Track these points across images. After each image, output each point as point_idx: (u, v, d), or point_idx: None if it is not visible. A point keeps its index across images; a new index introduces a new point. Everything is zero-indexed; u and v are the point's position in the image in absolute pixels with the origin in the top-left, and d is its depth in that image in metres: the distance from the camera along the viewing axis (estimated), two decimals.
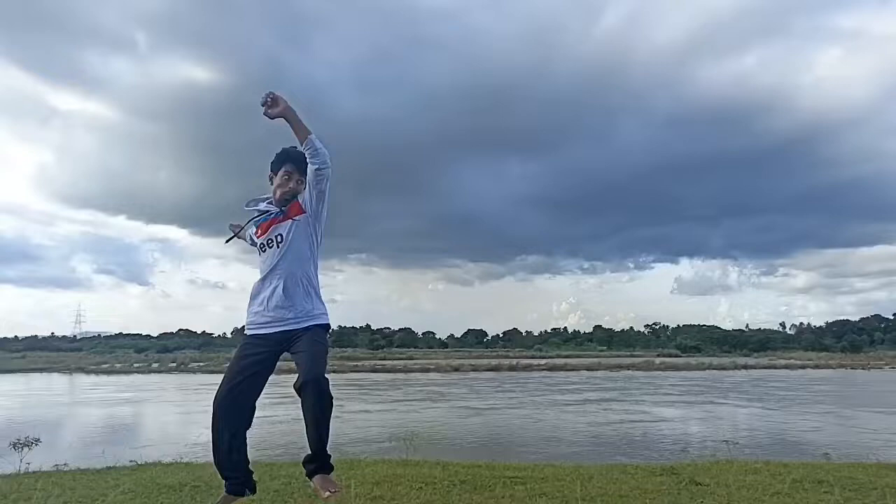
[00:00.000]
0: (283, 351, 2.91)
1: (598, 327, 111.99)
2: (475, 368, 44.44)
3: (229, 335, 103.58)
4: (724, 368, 48.42)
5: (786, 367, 52.00)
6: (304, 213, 2.98)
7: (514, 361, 51.52)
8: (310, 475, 2.76)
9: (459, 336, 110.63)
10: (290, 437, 12.44)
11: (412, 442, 6.50)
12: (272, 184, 3.11)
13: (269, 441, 12.18)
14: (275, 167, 3.12)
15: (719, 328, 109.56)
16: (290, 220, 2.98)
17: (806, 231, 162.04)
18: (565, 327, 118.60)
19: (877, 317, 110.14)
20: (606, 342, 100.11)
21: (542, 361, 54.03)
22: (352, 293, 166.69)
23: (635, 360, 58.38)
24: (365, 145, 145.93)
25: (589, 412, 18.88)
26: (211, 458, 2.89)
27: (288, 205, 3.02)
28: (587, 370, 44.59)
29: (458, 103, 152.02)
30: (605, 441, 13.27)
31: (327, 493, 2.63)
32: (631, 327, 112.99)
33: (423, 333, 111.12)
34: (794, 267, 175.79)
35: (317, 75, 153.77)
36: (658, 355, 69.77)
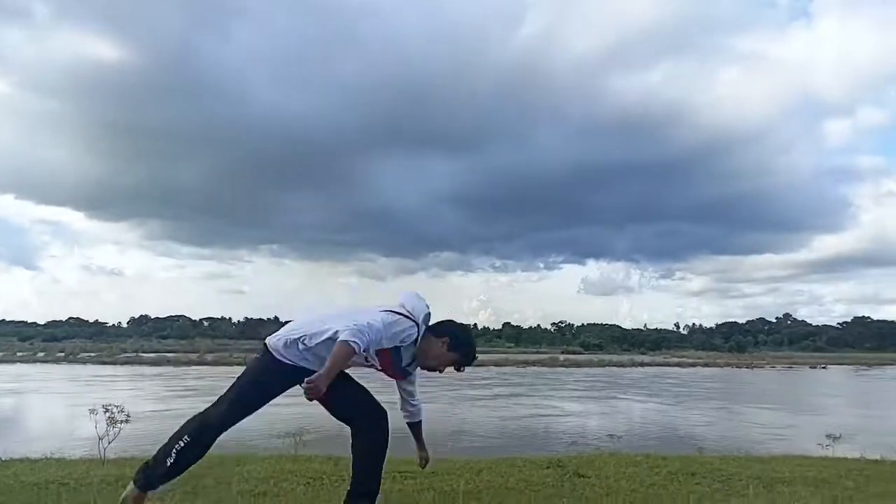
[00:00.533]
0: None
1: (507, 324, 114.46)
2: None
3: (125, 325, 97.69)
4: (622, 365, 50.97)
5: (678, 364, 55.52)
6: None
7: None
8: None
9: None
10: None
11: (300, 438, 6.31)
12: (433, 348, 2.90)
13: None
14: (455, 348, 2.89)
15: (620, 327, 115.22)
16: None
17: (702, 238, 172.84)
18: (475, 324, 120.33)
19: (761, 320, 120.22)
20: (515, 339, 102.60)
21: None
22: (260, 284, 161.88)
23: (541, 356, 60.27)
24: (282, 137, 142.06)
25: (499, 407, 19.30)
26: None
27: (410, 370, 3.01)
28: (496, 366, 45.50)
29: (380, 100, 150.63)
30: (510, 435, 13.59)
31: None
32: (538, 325, 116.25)
33: None
34: (690, 271, 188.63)
35: (234, 64, 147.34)
36: (563, 352, 72.39)
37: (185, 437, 2.78)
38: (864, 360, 70.46)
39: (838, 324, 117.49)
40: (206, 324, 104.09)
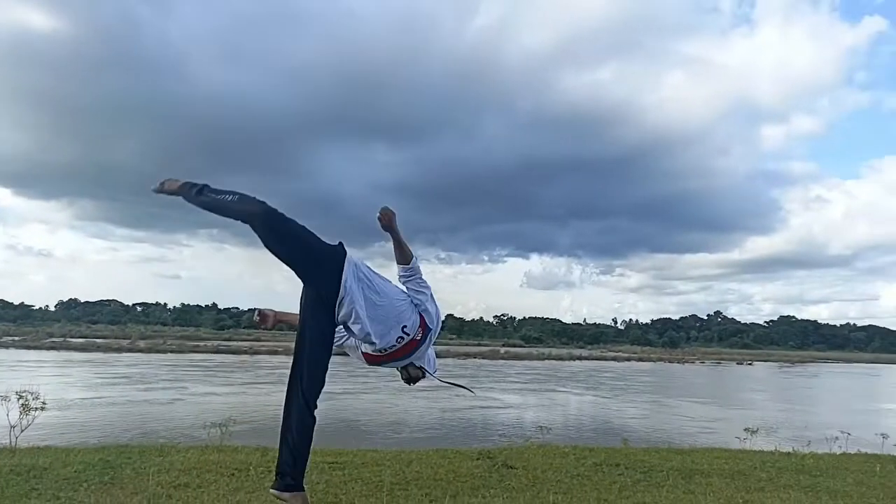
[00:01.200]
0: None
1: (449, 316, 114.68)
2: None
3: (53, 308, 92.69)
4: (562, 359, 52.15)
5: (614, 359, 57.34)
6: None
7: None
8: None
9: None
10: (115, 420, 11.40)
11: (227, 428, 6.14)
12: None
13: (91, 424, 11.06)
14: None
15: (560, 321, 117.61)
16: None
17: (641, 236, 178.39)
18: None
19: (693, 316, 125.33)
20: (457, 331, 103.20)
21: None
22: (199, 270, 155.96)
23: (482, 349, 60.91)
24: (225, 117, 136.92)
25: (441, 398, 19.37)
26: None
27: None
28: (437, 358, 45.65)
29: (329, 83, 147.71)
30: (448, 426, 13.67)
31: None
32: (481, 317, 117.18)
33: None
34: (629, 268, 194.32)
35: (175, 38, 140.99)
36: (504, 345, 73.37)
37: None
38: (788, 358, 74.46)
39: (765, 322, 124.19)
40: (138, 309, 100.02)
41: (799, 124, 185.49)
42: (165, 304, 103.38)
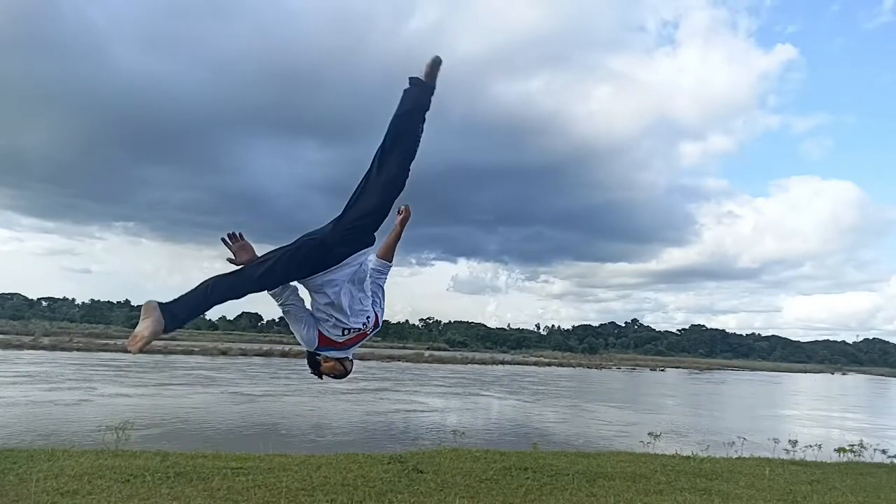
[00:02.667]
0: None
1: None
2: (245, 353, 42.50)
3: None
4: (485, 363, 52.87)
5: (535, 364, 58.76)
6: None
7: (288, 348, 50.62)
8: None
9: (232, 319, 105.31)
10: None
11: (124, 432, 5.81)
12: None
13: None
14: None
15: (485, 326, 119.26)
16: None
17: (566, 244, 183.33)
18: None
19: (612, 323, 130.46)
20: (381, 333, 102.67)
21: None
22: (111, 264, 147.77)
23: (406, 352, 60.91)
24: (147, 106, 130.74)
25: (365, 401, 19.17)
26: None
27: None
28: (360, 360, 45.32)
29: (256, 77, 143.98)
30: (370, 429, 13.54)
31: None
32: (407, 320, 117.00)
33: None
34: (553, 275, 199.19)
35: (96, 20, 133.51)
36: (428, 349, 73.62)
37: None
38: (697, 365, 78.82)
39: (678, 330, 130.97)
40: (44, 304, 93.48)
41: (715, 143, 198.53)
42: (73, 300, 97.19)
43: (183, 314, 2.33)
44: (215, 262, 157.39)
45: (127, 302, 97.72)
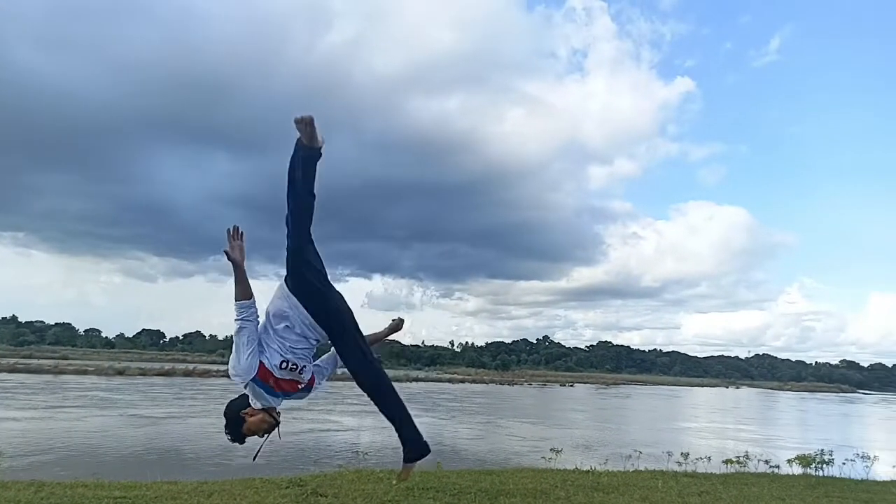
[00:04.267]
0: None
1: None
2: (144, 373, 40.03)
3: None
4: (399, 381, 52.51)
5: (449, 380, 59.33)
6: None
7: (192, 366, 48.31)
8: None
9: (131, 336, 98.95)
10: None
11: None
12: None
13: None
14: None
15: (399, 342, 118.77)
16: None
17: (480, 261, 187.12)
18: None
19: (524, 340, 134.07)
20: None
21: (224, 367, 51.68)
22: None
23: None
24: (40, 108, 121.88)
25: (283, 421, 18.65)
26: None
27: None
28: None
29: (165, 82, 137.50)
30: (281, 451, 13.22)
31: None
32: None
33: (85, 331, 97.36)
34: (468, 292, 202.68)
35: None
36: (342, 366, 72.75)
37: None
38: (604, 380, 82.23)
39: (586, 347, 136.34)
40: None
41: (620, 166, 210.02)
42: None
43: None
44: (114, 276, 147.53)
45: (14, 318, 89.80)
